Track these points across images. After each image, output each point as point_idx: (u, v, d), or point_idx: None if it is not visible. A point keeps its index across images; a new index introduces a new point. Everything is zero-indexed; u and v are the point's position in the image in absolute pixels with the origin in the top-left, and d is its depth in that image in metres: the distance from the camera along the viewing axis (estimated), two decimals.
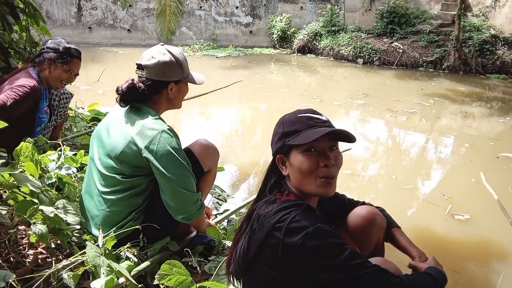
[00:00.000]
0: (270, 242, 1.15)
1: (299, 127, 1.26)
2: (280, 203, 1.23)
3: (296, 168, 1.25)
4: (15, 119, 2.20)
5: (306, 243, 1.10)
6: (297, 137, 1.24)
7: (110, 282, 1.40)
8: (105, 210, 1.75)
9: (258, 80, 8.60)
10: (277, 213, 1.18)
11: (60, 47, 2.42)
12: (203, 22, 12.85)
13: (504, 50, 9.66)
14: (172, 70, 1.80)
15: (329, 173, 1.24)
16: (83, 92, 5.48)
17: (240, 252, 1.26)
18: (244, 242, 1.26)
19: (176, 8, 11.58)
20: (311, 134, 1.22)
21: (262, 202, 1.28)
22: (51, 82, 2.47)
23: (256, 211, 1.27)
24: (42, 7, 11.53)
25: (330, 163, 1.23)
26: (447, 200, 3.49)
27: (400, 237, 1.56)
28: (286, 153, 1.29)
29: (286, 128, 1.29)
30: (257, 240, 1.19)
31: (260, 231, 1.19)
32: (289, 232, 1.12)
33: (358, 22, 12.43)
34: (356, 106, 6.74)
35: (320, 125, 1.26)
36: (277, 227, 1.14)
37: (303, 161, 1.24)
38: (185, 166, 1.70)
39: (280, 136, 1.30)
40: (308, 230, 1.11)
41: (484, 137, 5.63)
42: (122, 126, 1.75)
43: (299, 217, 1.14)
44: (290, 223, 1.13)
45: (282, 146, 1.29)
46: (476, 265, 2.68)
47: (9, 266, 1.53)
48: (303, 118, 1.28)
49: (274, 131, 1.35)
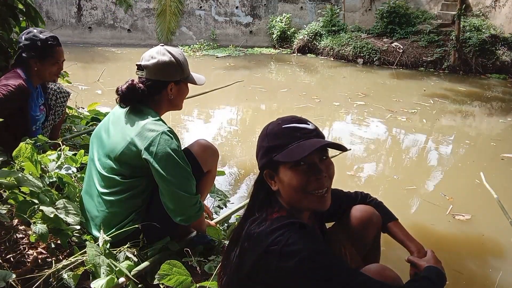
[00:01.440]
0: (264, 264, 1.11)
1: (285, 141, 1.18)
2: (272, 221, 1.17)
3: (286, 184, 1.19)
4: (7, 118, 2.19)
5: (301, 267, 1.06)
6: (283, 152, 1.17)
7: (110, 282, 1.40)
8: (104, 211, 1.75)
9: (258, 80, 8.59)
10: (269, 235, 1.12)
11: (36, 42, 2.33)
12: (203, 22, 12.84)
13: (504, 50, 9.66)
14: (172, 70, 1.80)
15: (321, 185, 1.18)
16: (82, 92, 5.48)
17: (232, 269, 1.23)
18: (235, 259, 1.21)
19: (176, 8, 11.59)
20: (299, 149, 1.14)
21: (252, 220, 1.22)
22: (44, 78, 2.45)
23: (247, 229, 1.21)
24: (42, 7, 11.53)
25: (322, 176, 1.18)
26: (449, 201, 3.49)
27: (398, 230, 1.54)
28: (273, 169, 1.22)
29: (270, 142, 1.21)
30: (249, 260, 1.15)
31: (252, 251, 1.15)
32: (283, 256, 1.08)
33: (358, 22, 12.43)
34: (356, 106, 6.74)
35: (307, 135, 1.18)
36: (271, 250, 1.10)
37: (293, 177, 1.17)
38: (184, 168, 1.70)
39: (265, 151, 1.22)
40: (302, 254, 1.06)
41: (485, 138, 5.63)
42: (122, 127, 1.75)
43: (293, 240, 1.09)
44: (284, 247, 1.08)
45: (268, 162, 1.21)
46: (477, 265, 2.68)
47: (9, 266, 1.53)
48: (287, 130, 1.20)
49: (258, 144, 1.28)
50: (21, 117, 2.36)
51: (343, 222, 1.59)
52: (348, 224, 1.56)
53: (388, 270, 1.30)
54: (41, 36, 2.36)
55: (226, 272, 1.28)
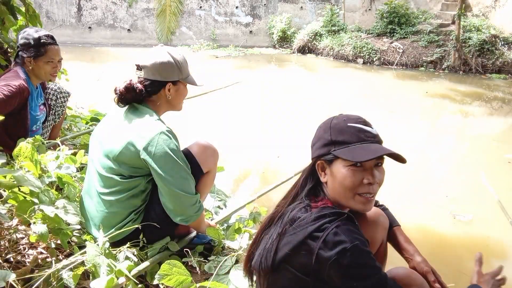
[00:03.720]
0: (305, 248, 1.12)
1: (349, 139, 1.20)
2: (319, 209, 1.19)
3: (338, 180, 1.20)
4: (7, 118, 2.20)
5: (340, 259, 1.07)
6: (345, 149, 1.19)
7: (110, 282, 1.40)
8: (104, 211, 1.75)
9: (257, 80, 8.59)
10: (316, 220, 1.13)
11: (30, 40, 2.34)
12: (203, 22, 12.85)
13: (504, 50, 9.66)
14: (170, 70, 1.80)
15: (371, 190, 1.20)
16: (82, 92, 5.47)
17: (266, 252, 1.22)
18: (272, 242, 1.21)
19: (176, 8, 11.60)
20: (363, 151, 1.17)
21: (295, 205, 1.23)
22: (40, 77, 2.44)
23: (289, 213, 1.22)
24: (42, 7, 11.54)
25: (375, 181, 1.20)
26: (451, 201, 3.49)
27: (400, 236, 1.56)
28: (329, 162, 1.23)
29: (333, 136, 1.22)
30: (290, 243, 1.16)
31: (294, 235, 1.15)
32: (326, 244, 1.08)
33: (358, 22, 12.43)
34: (356, 106, 6.74)
35: (371, 140, 1.21)
36: (314, 236, 1.11)
37: (347, 176, 1.19)
38: (183, 168, 1.70)
39: (326, 143, 1.23)
40: (345, 246, 1.07)
41: (486, 138, 5.62)
42: (120, 127, 1.75)
43: (339, 230, 1.10)
44: (329, 235, 1.09)
45: (326, 154, 1.23)
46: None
47: (9, 266, 1.53)
48: (352, 129, 1.21)
49: (317, 134, 1.29)
50: (21, 117, 2.36)
51: None
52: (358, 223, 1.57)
53: (415, 274, 1.32)
54: (34, 34, 2.35)
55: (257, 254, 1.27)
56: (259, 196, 2.48)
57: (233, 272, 1.71)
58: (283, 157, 4.35)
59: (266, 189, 2.54)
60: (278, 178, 2.69)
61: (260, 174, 4.02)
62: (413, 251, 1.50)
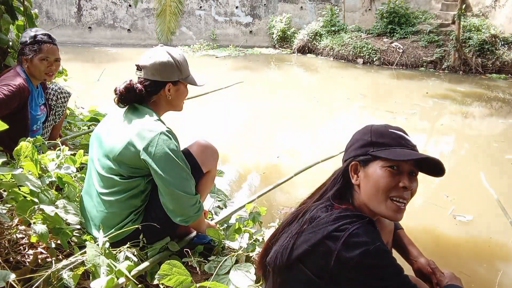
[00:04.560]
0: (323, 249, 1.10)
1: (389, 142, 1.22)
2: (341, 210, 1.18)
3: (372, 181, 1.20)
4: (7, 118, 2.20)
5: (363, 260, 1.05)
6: (386, 150, 1.20)
7: (110, 282, 1.40)
8: (103, 211, 1.75)
9: (257, 80, 8.60)
10: (336, 220, 1.12)
11: (27, 39, 2.34)
12: (203, 22, 12.85)
13: (504, 50, 9.66)
14: (169, 70, 1.80)
15: (405, 195, 1.19)
16: (82, 92, 5.48)
17: (283, 248, 1.21)
18: (289, 240, 1.20)
19: (176, 8, 11.59)
20: (404, 153, 1.18)
21: (319, 204, 1.23)
22: (35, 75, 2.43)
23: (310, 211, 1.21)
24: (42, 7, 11.54)
25: (410, 187, 1.19)
26: (451, 202, 3.49)
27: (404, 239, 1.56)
28: (364, 162, 1.23)
29: (374, 138, 1.24)
30: (307, 242, 1.14)
31: (312, 233, 1.14)
32: (347, 245, 1.07)
33: (358, 22, 12.43)
34: (355, 106, 6.74)
35: (410, 147, 1.22)
36: (334, 236, 1.09)
37: (383, 176, 1.19)
38: (183, 168, 1.70)
39: (364, 144, 1.24)
40: (368, 247, 1.06)
41: (486, 138, 5.62)
42: (120, 127, 1.75)
43: (360, 231, 1.09)
44: (349, 236, 1.08)
45: (363, 154, 1.23)
46: (479, 266, 2.68)
47: (9, 266, 1.53)
48: (394, 134, 1.24)
49: (355, 137, 1.30)
50: (21, 117, 2.36)
51: None
52: None
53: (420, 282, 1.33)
54: (31, 33, 2.36)
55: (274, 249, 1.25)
56: (259, 196, 2.48)
57: (233, 272, 1.71)
58: (283, 157, 4.35)
59: (266, 189, 2.54)
60: (278, 178, 2.69)
61: (260, 174, 4.02)
62: (417, 253, 1.50)
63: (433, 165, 1.21)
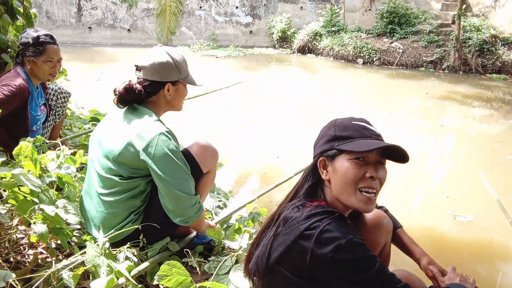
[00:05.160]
0: (298, 249, 1.11)
1: (353, 134, 1.22)
2: (312, 208, 1.18)
3: (340, 174, 1.20)
4: (7, 118, 2.20)
5: (337, 256, 1.06)
6: (349, 143, 1.20)
7: (110, 282, 1.40)
8: (103, 212, 1.75)
9: (257, 80, 8.60)
10: (307, 219, 1.13)
11: (29, 40, 2.34)
12: (203, 22, 12.85)
13: (504, 50, 9.66)
14: (169, 70, 1.79)
15: (373, 185, 1.19)
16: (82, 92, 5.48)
17: (262, 253, 1.22)
18: (267, 243, 1.21)
19: (176, 8, 11.59)
20: (367, 143, 1.18)
21: (291, 204, 1.23)
22: (39, 76, 2.44)
23: (284, 212, 1.22)
24: (42, 7, 11.54)
25: (377, 176, 1.19)
26: (451, 202, 3.49)
27: (404, 238, 1.56)
28: (331, 157, 1.23)
29: (337, 132, 1.24)
30: (282, 243, 1.15)
31: (286, 235, 1.15)
32: (319, 242, 1.08)
33: (358, 22, 12.44)
34: (355, 106, 6.74)
35: (374, 137, 1.23)
36: (306, 235, 1.10)
37: (349, 168, 1.19)
38: (183, 169, 1.69)
39: (329, 139, 1.25)
40: (340, 242, 1.06)
41: (487, 138, 5.62)
42: (120, 127, 1.75)
43: (331, 227, 1.09)
44: (321, 233, 1.08)
45: (329, 149, 1.24)
46: (480, 266, 2.68)
47: (9, 266, 1.53)
48: (357, 126, 1.24)
49: (321, 133, 1.30)
50: (21, 117, 2.36)
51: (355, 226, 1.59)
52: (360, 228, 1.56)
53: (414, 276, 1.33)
54: (33, 34, 2.35)
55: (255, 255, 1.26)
56: (259, 196, 2.48)
57: (233, 272, 1.71)
58: (283, 157, 4.35)
59: (266, 189, 2.54)
60: (278, 178, 2.69)
61: (260, 174, 4.02)
62: (419, 253, 1.50)
63: (397, 152, 1.21)
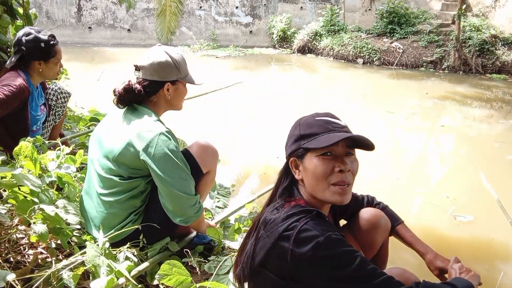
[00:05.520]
0: (278, 250, 1.12)
1: (317, 130, 1.22)
2: (289, 208, 1.19)
3: (310, 172, 1.21)
4: (7, 118, 2.20)
5: (316, 254, 1.06)
6: (313, 140, 1.20)
7: (110, 282, 1.40)
8: (103, 212, 1.75)
9: (257, 80, 8.60)
10: (285, 220, 1.14)
11: (40, 43, 2.33)
12: (203, 22, 12.85)
13: (504, 50, 9.66)
14: (168, 70, 1.79)
15: (344, 178, 1.19)
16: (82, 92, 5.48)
17: (246, 258, 1.23)
18: (250, 247, 1.22)
19: (176, 8, 11.58)
20: (329, 137, 1.18)
21: (271, 207, 1.24)
22: (48, 77, 2.48)
23: (264, 215, 1.23)
24: (42, 7, 11.53)
25: (346, 169, 1.19)
26: (451, 202, 3.48)
27: (406, 233, 1.55)
28: (300, 157, 1.24)
29: (302, 131, 1.24)
30: (264, 246, 1.16)
31: (267, 237, 1.15)
32: (298, 242, 1.08)
33: (358, 22, 12.44)
34: (355, 106, 6.74)
35: (339, 129, 1.22)
36: (285, 236, 1.11)
37: (318, 165, 1.19)
38: (183, 169, 1.69)
39: (296, 139, 1.25)
40: (318, 240, 1.07)
41: (486, 138, 5.62)
42: (120, 127, 1.74)
43: (309, 226, 1.10)
44: (299, 232, 1.09)
45: (297, 149, 1.24)
46: (480, 266, 2.68)
47: (9, 266, 1.52)
48: (320, 122, 1.24)
49: (289, 133, 1.31)
50: (21, 117, 2.36)
51: (351, 225, 1.59)
52: (357, 227, 1.56)
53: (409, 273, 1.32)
54: (42, 37, 2.35)
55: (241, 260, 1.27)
56: (259, 196, 2.48)
57: (233, 272, 1.71)
58: (283, 157, 4.33)
59: (266, 189, 2.54)
60: None
61: (260, 174, 4.02)
62: (423, 248, 1.49)
63: (363, 141, 1.21)
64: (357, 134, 1.21)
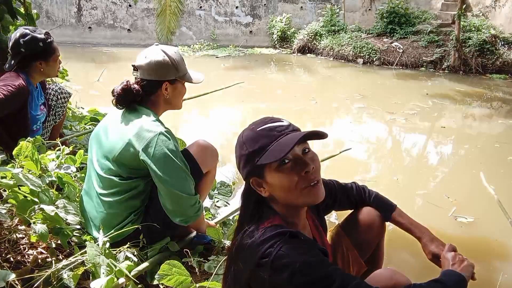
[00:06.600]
0: (258, 279, 1.10)
1: (264, 143, 1.14)
2: (263, 231, 1.13)
3: (277, 186, 1.15)
4: (7, 118, 2.21)
5: (293, 281, 1.04)
6: (266, 154, 1.13)
7: (110, 282, 1.40)
8: (103, 212, 1.75)
9: (257, 80, 8.59)
10: (260, 245, 1.09)
11: (39, 42, 2.31)
12: (203, 22, 12.85)
13: (504, 50, 9.65)
14: (166, 69, 1.78)
15: (312, 178, 1.15)
16: (82, 92, 5.47)
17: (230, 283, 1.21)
18: (231, 274, 1.20)
19: (176, 8, 11.57)
20: (281, 146, 1.11)
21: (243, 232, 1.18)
22: (50, 75, 2.52)
23: (239, 242, 1.18)
24: (42, 7, 11.53)
25: (311, 168, 1.14)
26: (452, 203, 3.48)
27: (402, 219, 1.55)
28: (259, 174, 1.17)
29: (250, 148, 1.16)
30: (244, 274, 1.13)
31: (245, 264, 1.12)
32: (275, 270, 1.05)
33: (358, 22, 12.43)
34: (355, 107, 6.73)
35: (284, 132, 1.15)
36: (261, 263, 1.07)
37: (282, 177, 1.13)
38: (182, 169, 1.69)
39: (247, 158, 1.17)
40: (294, 266, 1.04)
41: (486, 138, 5.61)
42: (119, 127, 1.74)
43: (283, 251, 1.06)
44: (274, 260, 1.06)
45: (252, 169, 1.17)
46: (481, 267, 2.67)
47: (9, 266, 1.53)
48: (263, 132, 1.16)
49: (237, 155, 1.22)
50: (21, 117, 2.36)
51: (346, 225, 1.58)
52: (351, 227, 1.56)
53: (398, 274, 1.28)
54: (39, 36, 2.33)
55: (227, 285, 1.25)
56: None
57: None
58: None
59: None
60: None
61: None
62: (419, 232, 1.48)
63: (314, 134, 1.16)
64: (304, 131, 1.16)
